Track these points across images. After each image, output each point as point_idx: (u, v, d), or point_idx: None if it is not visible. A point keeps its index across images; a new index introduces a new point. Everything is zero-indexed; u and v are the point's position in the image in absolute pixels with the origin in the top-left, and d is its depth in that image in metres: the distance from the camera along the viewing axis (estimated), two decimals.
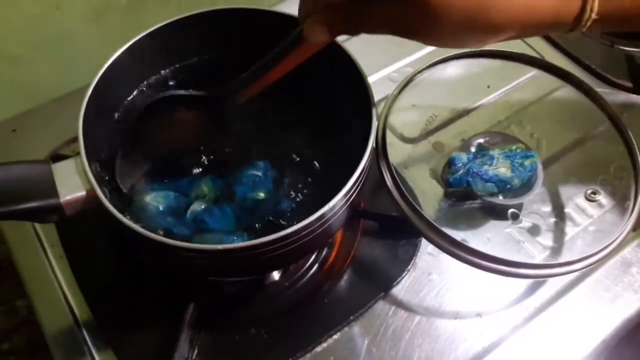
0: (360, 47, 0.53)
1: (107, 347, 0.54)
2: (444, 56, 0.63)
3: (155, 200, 0.49)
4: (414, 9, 0.37)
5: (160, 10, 0.78)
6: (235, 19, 0.57)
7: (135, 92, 0.57)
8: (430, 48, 0.78)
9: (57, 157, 0.55)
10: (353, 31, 0.41)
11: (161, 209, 0.49)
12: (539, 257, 0.58)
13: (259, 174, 0.51)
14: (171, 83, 0.58)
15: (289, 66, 0.46)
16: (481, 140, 0.63)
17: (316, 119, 0.55)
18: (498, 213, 0.60)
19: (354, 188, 0.45)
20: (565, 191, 0.63)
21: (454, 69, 0.63)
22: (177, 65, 0.59)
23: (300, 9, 0.43)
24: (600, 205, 0.62)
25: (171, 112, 0.51)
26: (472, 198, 0.59)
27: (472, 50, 0.64)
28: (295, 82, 0.57)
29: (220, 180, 0.51)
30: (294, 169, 0.53)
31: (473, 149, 0.62)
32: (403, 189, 0.53)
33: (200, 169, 0.53)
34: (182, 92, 0.51)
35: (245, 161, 0.52)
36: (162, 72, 0.59)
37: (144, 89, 0.58)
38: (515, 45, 0.78)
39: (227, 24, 0.57)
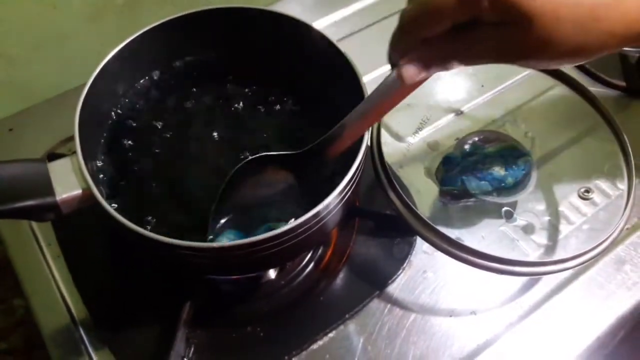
0: (356, 46, 0.53)
1: (104, 346, 0.54)
2: None
3: None
4: (518, 30, 0.33)
5: (156, 10, 0.78)
6: (232, 18, 0.57)
7: (132, 90, 0.57)
8: None
9: (53, 156, 0.55)
10: (452, 64, 0.38)
11: None
12: (533, 255, 0.59)
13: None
14: (168, 82, 0.59)
15: (384, 113, 0.45)
16: (475, 139, 0.64)
17: (311, 118, 0.56)
18: (492, 211, 0.60)
19: (349, 186, 0.45)
20: (559, 190, 0.63)
21: None
22: (173, 65, 0.59)
23: (391, 51, 0.41)
24: (594, 204, 0.63)
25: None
26: (466, 197, 0.60)
27: None
28: (290, 82, 0.58)
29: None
30: None
31: (467, 147, 0.62)
32: (398, 187, 0.53)
33: None
34: (273, 153, 0.50)
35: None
36: (159, 71, 0.59)
37: (141, 87, 0.58)
38: None
39: (224, 23, 0.57)
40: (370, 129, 0.50)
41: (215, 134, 0.56)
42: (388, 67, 0.72)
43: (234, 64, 0.60)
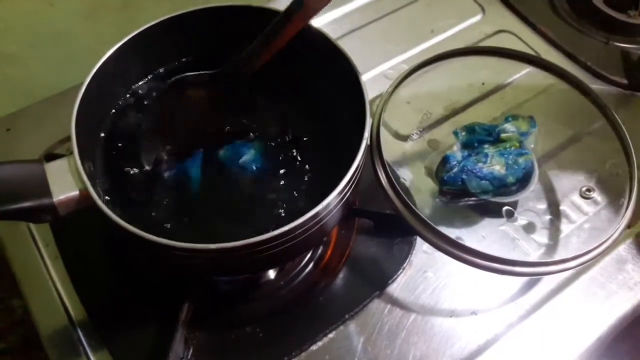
0: (355, 44, 0.53)
1: (102, 347, 0.54)
2: (438, 53, 0.63)
3: None
4: None
5: (154, 8, 0.78)
6: (230, 16, 0.56)
7: (129, 91, 0.57)
8: (425, 45, 0.78)
9: (51, 157, 0.55)
10: None
11: None
12: (534, 255, 0.58)
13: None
14: (165, 81, 0.58)
15: (291, 33, 0.47)
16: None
17: (311, 116, 0.55)
18: (493, 211, 0.60)
19: (349, 186, 0.45)
20: (560, 188, 0.63)
21: (448, 66, 0.63)
22: (171, 64, 0.59)
23: None
24: (595, 203, 0.62)
25: (183, 94, 0.52)
26: (466, 196, 0.59)
27: (467, 47, 0.64)
28: (289, 80, 0.58)
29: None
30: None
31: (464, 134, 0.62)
32: (397, 187, 0.53)
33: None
34: (193, 73, 0.52)
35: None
36: (157, 70, 0.58)
37: (138, 87, 0.57)
38: (511, 42, 0.78)
39: (222, 22, 0.57)
40: (370, 127, 0.49)
41: (213, 132, 0.55)
42: (388, 65, 0.72)
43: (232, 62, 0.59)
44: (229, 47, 0.58)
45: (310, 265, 0.59)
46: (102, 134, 0.54)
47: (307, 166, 0.53)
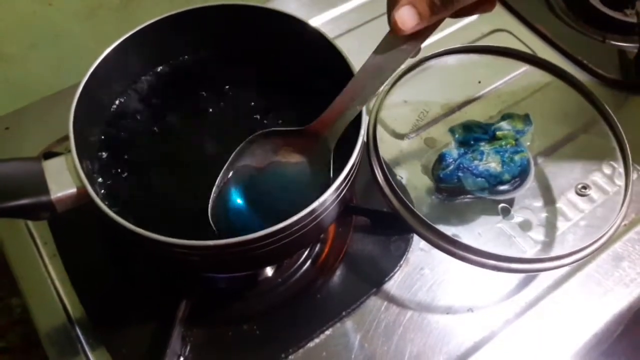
0: (352, 44, 0.53)
1: (101, 345, 0.54)
2: (435, 52, 0.63)
3: None
4: None
5: (153, 7, 0.78)
6: (228, 16, 0.57)
7: (128, 90, 0.57)
8: (423, 44, 0.78)
9: (49, 155, 0.55)
10: (448, 8, 0.36)
11: None
12: (531, 252, 0.59)
13: None
14: (164, 81, 0.58)
15: (384, 78, 0.45)
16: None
17: (308, 115, 0.55)
18: (489, 208, 0.60)
19: (345, 183, 0.45)
20: (556, 186, 0.63)
21: (445, 65, 0.64)
22: (170, 63, 0.59)
23: (387, 3, 0.40)
24: (591, 200, 0.63)
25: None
26: (463, 193, 0.60)
27: (464, 46, 0.65)
28: (286, 79, 0.58)
29: None
30: None
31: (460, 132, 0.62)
32: (394, 184, 0.53)
33: None
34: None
35: None
36: (155, 69, 0.59)
37: (136, 86, 0.58)
38: (507, 41, 0.79)
39: (220, 21, 0.57)
40: (366, 125, 0.49)
41: (212, 133, 0.55)
42: None
43: (230, 61, 0.59)
44: (227, 47, 0.59)
45: (308, 263, 0.59)
46: (100, 132, 0.54)
47: None
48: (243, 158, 0.49)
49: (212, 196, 0.48)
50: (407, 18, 0.37)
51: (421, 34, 0.40)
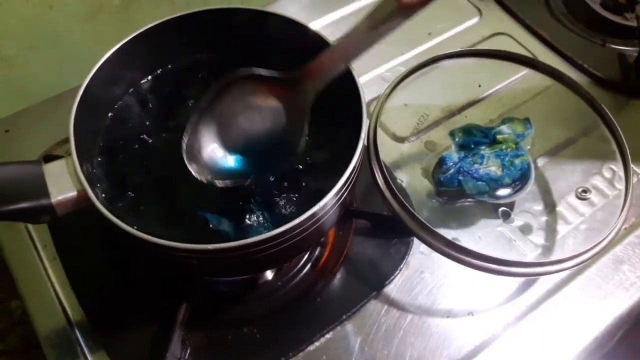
0: None
1: (100, 348, 0.54)
2: (435, 55, 0.63)
3: None
4: None
5: (153, 10, 0.78)
6: (229, 19, 0.57)
7: (128, 92, 0.57)
8: (422, 47, 0.78)
9: (49, 158, 0.55)
10: None
11: None
12: (531, 256, 0.59)
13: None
14: (165, 83, 0.58)
15: (375, 40, 0.45)
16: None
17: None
18: (489, 212, 0.60)
19: (345, 187, 0.45)
20: (556, 190, 0.63)
21: (445, 69, 0.64)
22: (171, 66, 0.59)
23: None
24: (592, 204, 0.63)
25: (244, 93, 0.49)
26: (463, 197, 0.60)
27: (464, 49, 0.65)
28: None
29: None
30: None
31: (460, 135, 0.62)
32: (394, 188, 0.53)
33: None
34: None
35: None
36: (156, 72, 0.59)
37: (137, 88, 0.58)
38: (508, 45, 0.79)
39: (221, 24, 0.57)
40: (367, 129, 0.49)
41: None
42: (385, 67, 0.72)
43: (230, 65, 0.59)
44: (227, 50, 0.59)
45: (308, 266, 0.59)
46: (101, 135, 0.54)
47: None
48: (221, 98, 0.49)
49: (186, 135, 0.48)
50: None
51: (418, 4, 0.41)
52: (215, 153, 0.50)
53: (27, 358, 0.80)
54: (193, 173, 0.48)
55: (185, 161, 0.48)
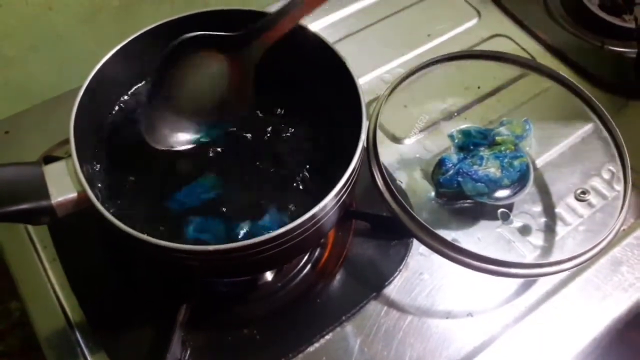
0: (352, 48, 0.53)
1: (100, 349, 0.54)
2: (435, 57, 0.63)
3: None
4: None
5: (153, 11, 0.78)
6: (228, 20, 0.56)
7: (129, 94, 0.57)
8: (422, 49, 0.78)
9: (49, 159, 0.55)
10: None
11: None
12: (530, 257, 0.59)
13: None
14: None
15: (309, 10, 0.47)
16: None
17: (307, 119, 0.56)
18: (488, 213, 0.60)
19: (345, 188, 0.45)
20: (555, 191, 0.63)
21: (445, 70, 0.64)
22: (171, 67, 0.59)
23: None
24: (590, 205, 0.63)
25: (191, 59, 0.50)
26: (462, 198, 0.60)
27: (463, 51, 0.65)
28: (285, 83, 0.58)
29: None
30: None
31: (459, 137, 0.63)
32: (394, 189, 0.53)
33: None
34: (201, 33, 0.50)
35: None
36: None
37: (137, 90, 0.58)
38: (506, 46, 0.79)
39: (220, 26, 0.57)
40: (366, 130, 0.49)
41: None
42: (384, 69, 0.72)
43: None
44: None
45: (308, 267, 0.59)
46: (101, 137, 0.54)
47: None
48: (169, 68, 0.50)
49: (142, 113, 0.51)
50: None
51: None
52: (173, 124, 0.52)
53: (27, 359, 0.80)
54: (152, 144, 0.50)
55: (144, 135, 0.50)
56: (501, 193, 0.59)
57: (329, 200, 0.44)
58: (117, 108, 0.56)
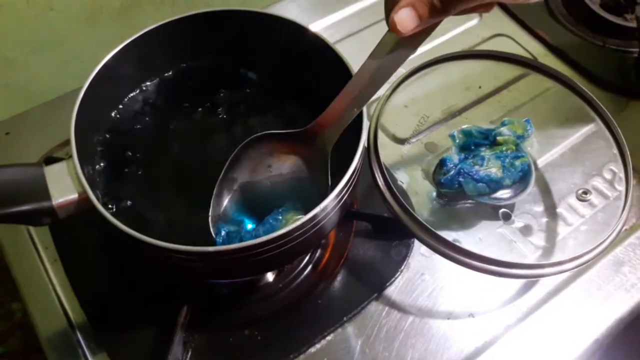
0: (353, 49, 0.53)
1: (101, 350, 0.54)
2: (436, 57, 0.63)
3: None
4: None
5: (154, 12, 0.78)
6: (229, 22, 0.57)
7: (130, 95, 0.57)
8: (422, 49, 0.78)
9: (50, 160, 0.55)
10: (449, 10, 0.35)
11: None
12: (531, 257, 0.59)
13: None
14: (166, 85, 0.59)
15: (383, 79, 0.44)
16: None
17: (308, 120, 0.56)
18: (490, 213, 0.60)
19: (346, 189, 0.45)
20: (557, 191, 0.63)
21: (446, 70, 0.64)
22: (171, 68, 0.59)
23: (385, 4, 0.39)
24: (592, 205, 0.63)
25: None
26: (463, 198, 0.60)
27: (464, 51, 0.65)
28: (287, 84, 0.58)
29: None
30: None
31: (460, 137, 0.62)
32: (395, 189, 0.53)
33: None
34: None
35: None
36: (157, 74, 0.59)
37: (138, 91, 0.58)
38: (508, 46, 0.79)
39: (221, 27, 0.57)
40: (367, 131, 0.49)
41: (214, 139, 0.55)
42: None
43: (231, 67, 0.60)
44: (228, 51, 0.59)
45: (309, 268, 0.59)
46: (102, 138, 0.54)
47: None
48: (240, 163, 0.49)
49: (210, 208, 0.48)
50: (406, 20, 0.36)
51: (420, 35, 0.40)
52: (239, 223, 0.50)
53: None
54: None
55: (213, 234, 0.48)
56: (502, 193, 0.59)
57: (330, 201, 0.44)
58: (118, 109, 0.56)
